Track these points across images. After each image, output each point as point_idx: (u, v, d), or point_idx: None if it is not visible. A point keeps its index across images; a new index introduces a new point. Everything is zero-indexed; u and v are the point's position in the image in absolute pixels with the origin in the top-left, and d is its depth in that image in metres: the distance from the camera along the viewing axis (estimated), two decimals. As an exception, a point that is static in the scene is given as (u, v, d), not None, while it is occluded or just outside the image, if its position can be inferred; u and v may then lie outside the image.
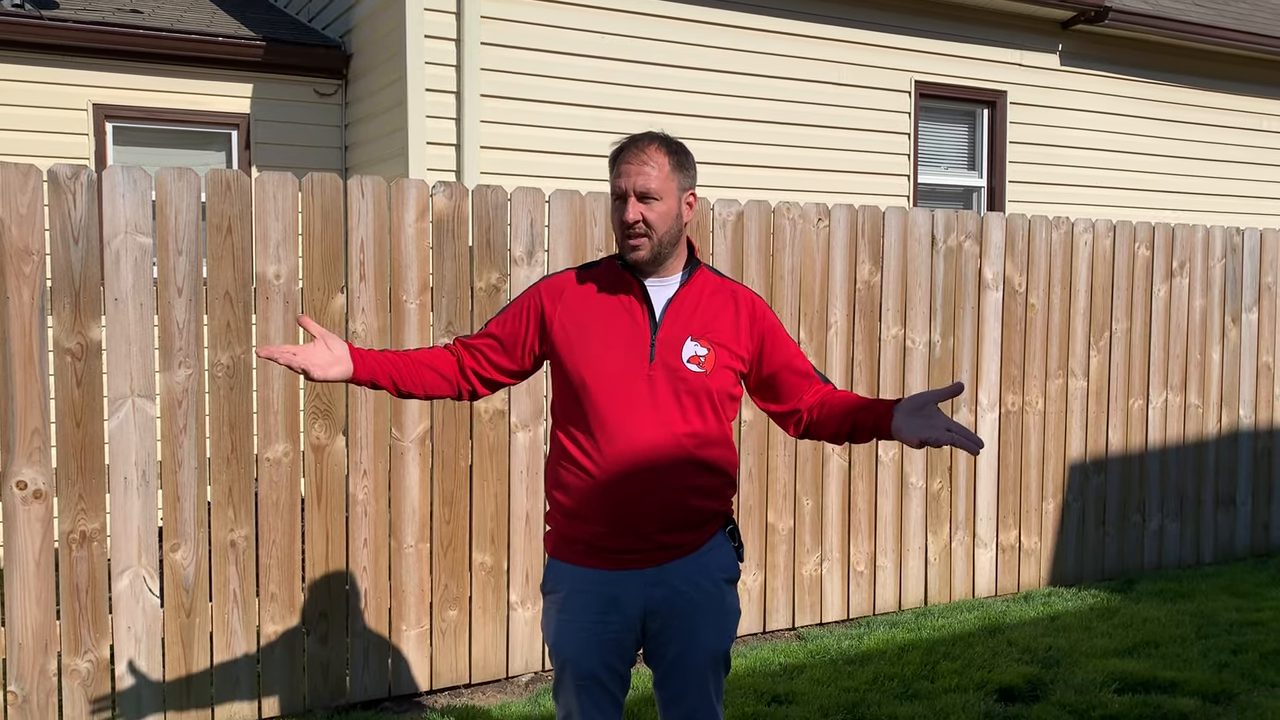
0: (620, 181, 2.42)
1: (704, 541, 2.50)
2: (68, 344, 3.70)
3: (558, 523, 2.53)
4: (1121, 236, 5.94)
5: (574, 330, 2.47)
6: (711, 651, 2.51)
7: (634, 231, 2.41)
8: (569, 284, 2.53)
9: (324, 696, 4.15)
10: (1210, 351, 6.29)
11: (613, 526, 2.42)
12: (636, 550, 2.43)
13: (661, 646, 2.50)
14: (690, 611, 2.47)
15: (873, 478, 5.27)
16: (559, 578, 2.51)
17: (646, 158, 2.42)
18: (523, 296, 2.57)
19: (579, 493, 2.44)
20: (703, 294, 2.52)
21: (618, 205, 2.44)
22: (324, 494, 4.11)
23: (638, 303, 2.48)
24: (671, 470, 2.42)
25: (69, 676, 3.74)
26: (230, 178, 3.93)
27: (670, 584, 2.46)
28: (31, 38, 6.59)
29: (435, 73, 6.46)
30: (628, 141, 2.46)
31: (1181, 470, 6.23)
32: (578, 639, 2.46)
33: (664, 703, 2.56)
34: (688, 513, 2.46)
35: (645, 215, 2.41)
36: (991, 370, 5.58)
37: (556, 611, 2.51)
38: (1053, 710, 4.07)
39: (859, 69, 7.82)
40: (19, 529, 3.65)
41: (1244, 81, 9.52)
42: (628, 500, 2.40)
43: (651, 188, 2.41)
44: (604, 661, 2.47)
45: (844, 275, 5.13)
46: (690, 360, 2.45)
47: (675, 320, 2.47)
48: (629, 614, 2.45)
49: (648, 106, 7.04)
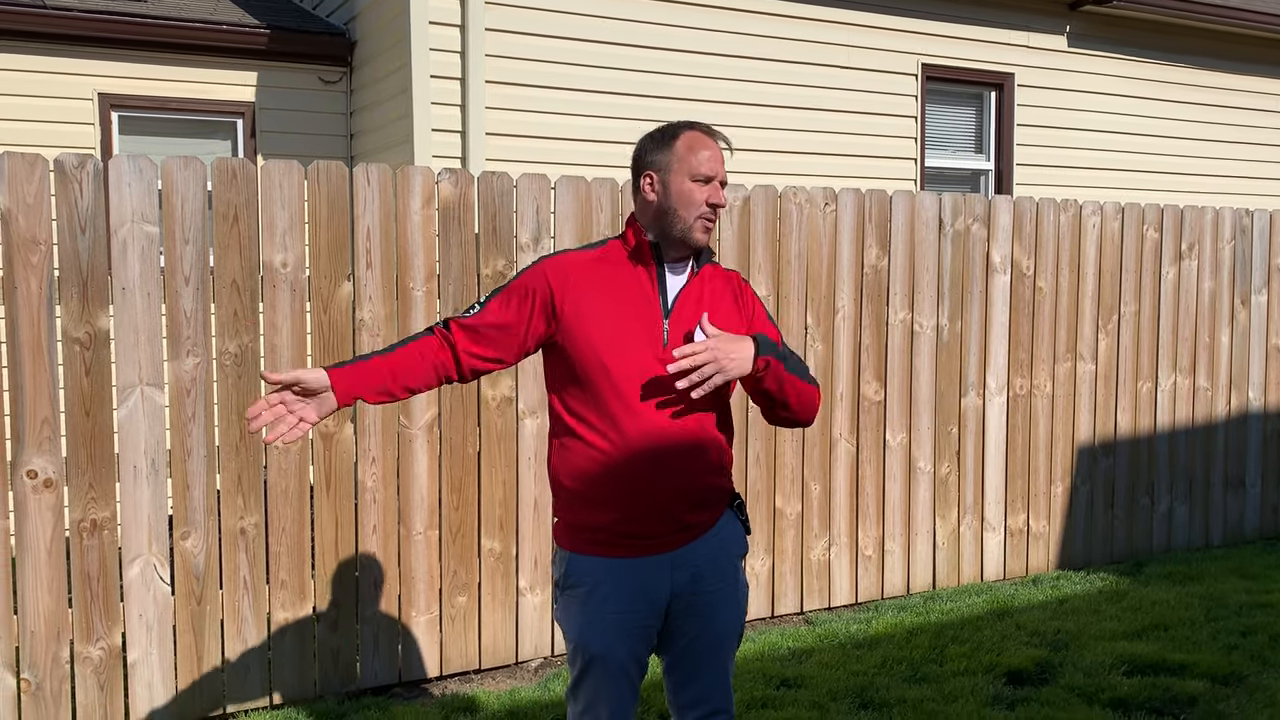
0: (710, 165, 2.46)
1: (717, 519, 2.52)
2: (76, 333, 3.71)
3: (570, 512, 2.49)
4: (1130, 219, 5.92)
5: (586, 312, 2.44)
6: (731, 628, 2.53)
7: (716, 216, 2.48)
8: (575, 265, 2.50)
9: (334, 682, 4.17)
10: (1219, 334, 6.27)
11: (637, 510, 2.40)
12: (660, 534, 2.43)
13: (681, 628, 2.49)
14: (711, 590, 2.48)
15: (880, 462, 5.26)
16: (581, 571, 2.46)
17: (721, 145, 2.51)
18: (525, 278, 2.48)
19: (596, 478, 2.41)
20: (709, 281, 2.56)
21: (700, 185, 2.46)
22: (333, 481, 4.12)
23: (650, 286, 2.48)
24: (695, 449, 2.43)
25: (81, 664, 3.77)
26: (236, 166, 3.93)
27: (693, 565, 2.46)
28: (37, 27, 6.59)
29: (440, 59, 6.44)
30: (702, 125, 2.52)
31: (1190, 453, 6.22)
32: (606, 633, 2.43)
33: (677, 684, 2.54)
34: (709, 491, 2.48)
35: (725, 202, 2.50)
36: (999, 354, 5.57)
37: (580, 606, 2.46)
38: (1061, 693, 4.08)
39: (866, 52, 7.78)
40: (30, 518, 3.67)
41: (1252, 62, 9.46)
42: (655, 482, 2.39)
43: (726, 179, 2.51)
44: (632, 652, 2.45)
45: (851, 260, 5.12)
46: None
47: (685, 305, 2.49)
48: (656, 601, 2.45)
49: (654, 91, 7.02)
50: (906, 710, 3.92)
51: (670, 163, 2.46)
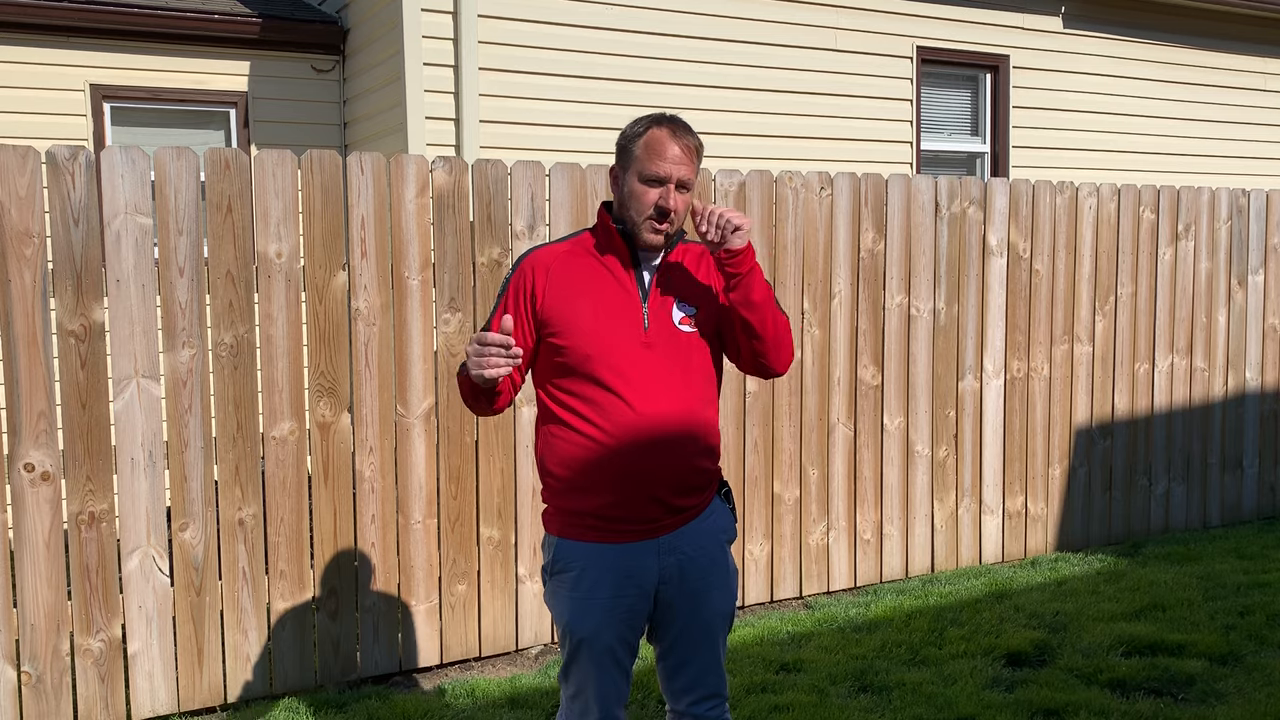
0: (663, 166, 2.41)
1: (706, 504, 2.53)
2: (71, 326, 3.70)
3: (558, 498, 2.51)
4: (1126, 200, 5.91)
5: (566, 302, 2.46)
6: (722, 612, 2.55)
7: (666, 220, 2.43)
8: (553, 257, 2.52)
9: (335, 672, 4.18)
10: (1216, 314, 6.27)
11: (625, 496, 2.41)
12: (647, 520, 2.44)
13: (672, 613, 2.50)
14: (700, 576, 2.49)
15: (878, 446, 5.27)
16: (568, 556, 2.48)
17: (689, 144, 2.45)
18: (511, 283, 2.51)
19: (584, 464, 2.43)
20: (682, 258, 2.56)
21: (652, 187, 2.42)
22: (331, 471, 4.12)
23: (626, 271, 2.49)
24: (682, 433, 2.44)
25: (81, 656, 3.77)
26: (229, 156, 3.91)
27: (681, 550, 2.47)
28: (27, 18, 6.55)
29: (433, 47, 6.41)
30: (669, 121, 2.45)
31: (1188, 434, 6.22)
32: (594, 616, 2.45)
33: (671, 670, 2.56)
34: (698, 475, 2.49)
35: (679, 205, 2.44)
36: (996, 337, 5.57)
37: (568, 591, 2.48)
38: (1060, 674, 4.09)
39: (860, 35, 7.75)
40: (28, 511, 3.67)
41: (1247, 41, 9.43)
42: (643, 467, 2.40)
43: (689, 179, 2.45)
44: (620, 636, 2.47)
45: (848, 244, 5.11)
46: (681, 322, 2.49)
47: (663, 286, 2.50)
48: (644, 586, 2.46)
49: (647, 77, 6.99)
50: (906, 693, 3.93)
51: (629, 160, 2.46)
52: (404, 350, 4.20)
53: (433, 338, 4.26)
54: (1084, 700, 3.83)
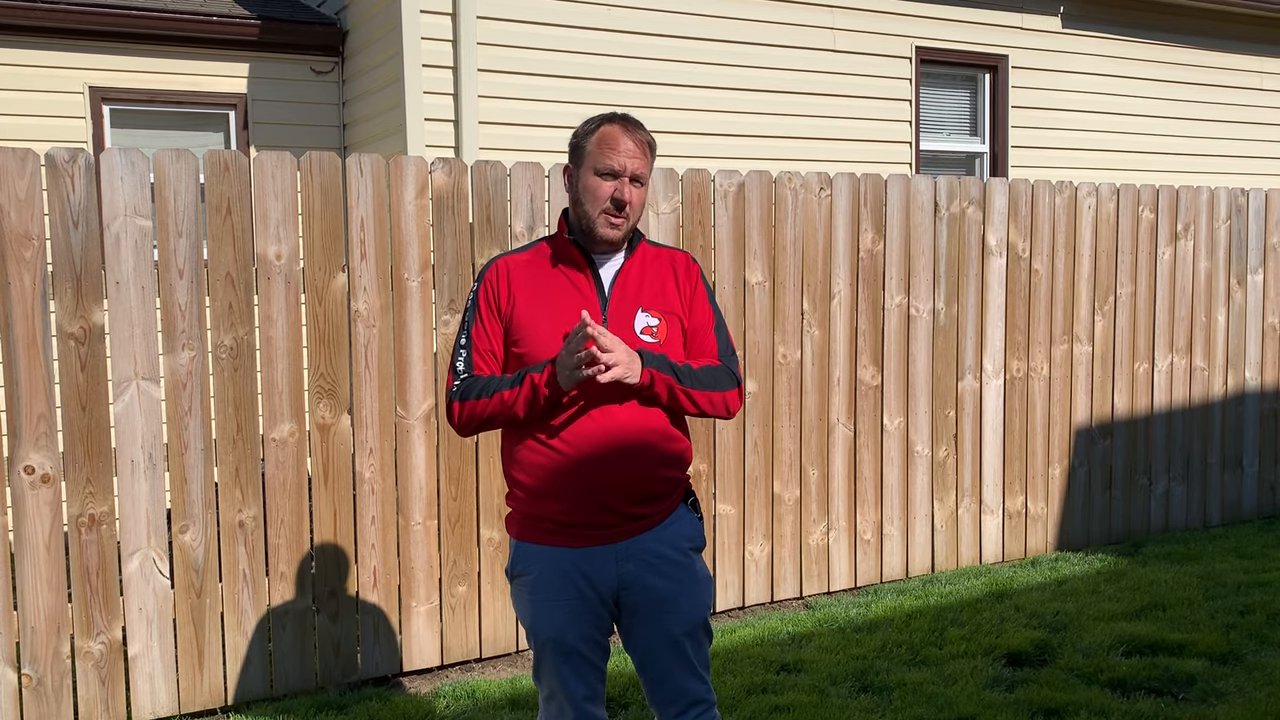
0: (616, 158, 2.41)
1: (669, 513, 2.51)
2: (70, 328, 3.70)
3: (520, 503, 2.50)
4: (1125, 200, 5.91)
5: (526, 311, 2.45)
6: (690, 621, 2.51)
7: (622, 212, 2.42)
8: (513, 266, 2.51)
9: (335, 673, 4.18)
10: (1216, 314, 6.27)
11: (581, 502, 2.40)
12: (604, 525, 2.42)
13: (639, 623, 2.48)
14: (662, 583, 2.46)
15: (878, 447, 5.27)
16: (528, 560, 2.49)
17: (642, 139, 2.45)
18: (479, 297, 2.51)
19: (545, 471, 2.42)
20: (646, 264, 2.53)
21: (607, 180, 2.42)
22: (331, 473, 4.12)
23: (585, 278, 2.48)
24: (639, 443, 2.42)
25: (82, 658, 3.77)
26: (228, 158, 3.92)
27: (640, 556, 2.45)
28: (27, 20, 6.55)
29: (432, 48, 6.41)
30: (620, 118, 2.46)
31: (1188, 433, 6.22)
32: (556, 618, 2.44)
33: (651, 683, 2.54)
34: (656, 484, 2.46)
35: (633, 199, 2.44)
36: (996, 337, 5.57)
37: (528, 594, 2.49)
38: (1060, 674, 4.09)
39: (859, 35, 7.76)
40: (28, 513, 3.67)
41: (1247, 41, 9.43)
42: (598, 475, 2.39)
43: (643, 173, 2.45)
44: (584, 635, 2.46)
45: (847, 244, 5.11)
46: (644, 331, 2.46)
47: (624, 293, 2.48)
48: (602, 590, 2.45)
49: (645, 77, 7.00)
50: (906, 693, 3.93)
51: (582, 157, 2.46)
52: (404, 352, 4.20)
53: (432, 339, 4.26)
54: (1084, 700, 3.83)
